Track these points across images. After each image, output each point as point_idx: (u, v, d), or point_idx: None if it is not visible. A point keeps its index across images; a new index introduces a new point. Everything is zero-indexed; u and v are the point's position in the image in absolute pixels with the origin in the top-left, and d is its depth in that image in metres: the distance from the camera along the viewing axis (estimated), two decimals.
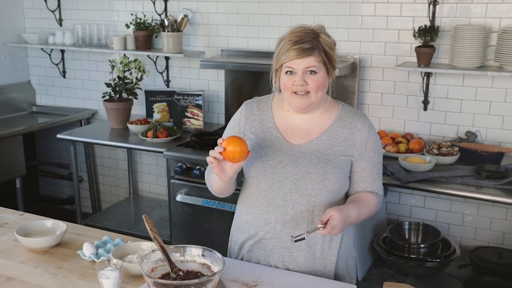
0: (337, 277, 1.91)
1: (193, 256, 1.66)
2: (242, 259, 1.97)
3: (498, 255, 3.07)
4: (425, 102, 3.23)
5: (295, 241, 1.69)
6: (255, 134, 1.91)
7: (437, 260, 2.93)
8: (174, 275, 1.57)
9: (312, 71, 1.76)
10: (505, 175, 2.72)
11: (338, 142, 1.85)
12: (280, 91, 1.85)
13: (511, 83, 3.04)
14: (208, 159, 1.73)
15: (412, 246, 3.06)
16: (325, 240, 1.87)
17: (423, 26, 3.06)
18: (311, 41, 1.75)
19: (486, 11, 3.02)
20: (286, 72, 1.79)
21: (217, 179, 1.85)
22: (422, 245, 3.06)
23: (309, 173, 1.82)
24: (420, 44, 3.09)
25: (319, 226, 1.69)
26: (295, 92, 1.79)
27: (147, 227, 1.62)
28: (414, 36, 3.08)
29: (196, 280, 1.50)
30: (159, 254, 1.61)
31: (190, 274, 1.60)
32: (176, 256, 1.65)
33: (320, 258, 1.88)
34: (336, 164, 1.83)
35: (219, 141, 1.72)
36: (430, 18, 3.11)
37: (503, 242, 3.20)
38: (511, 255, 3.07)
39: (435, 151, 2.97)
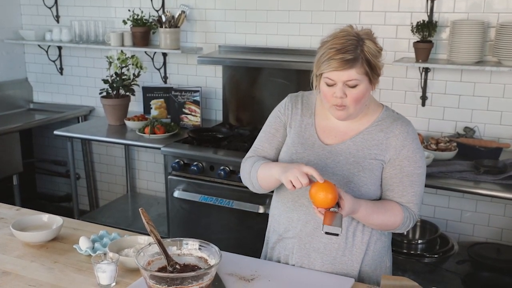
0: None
1: (190, 249, 1.65)
2: (266, 257, 1.97)
3: (496, 251, 3.07)
4: (423, 98, 3.23)
5: (326, 232, 1.59)
6: (293, 128, 1.88)
7: (435, 256, 2.93)
8: (170, 269, 1.56)
9: (353, 85, 1.67)
10: (503, 170, 2.71)
11: (371, 145, 1.78)
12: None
13: (509, 78, 3.03)
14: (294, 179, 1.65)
15: (410, 242, 3.05)
16: (347, 245, 1.80)
17: (421, 22, 3.05)
18: (354, 50, 1.64)
19: (484, 6, 3.01)
20: (326, 82, 1.71)
21: (273, 180, 1.78)
22: (420, 241, 3.06)
23: (335, 174, 1.76)
24: (418, 40, 3.08)
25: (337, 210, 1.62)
26: (334, 104, 1.72)
27: (144, 220, 1.61)
28: (412, 31, 3.08)
29: (192, 273, 1.49)
30: (155, 248, 1.60)
31: (187, 268, 1.59)
32: (173, 250, 1.63)
33: (340, 264, 1.81)
34: (364, 167, 1.76)
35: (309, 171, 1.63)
36: (428, 13, 3.10)
37: (501, 238, 3.20)
38: (509, 251, 3.07)
39: (433, 146, 2.96)
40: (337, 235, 1.58)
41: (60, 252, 1.90)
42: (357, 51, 1.65)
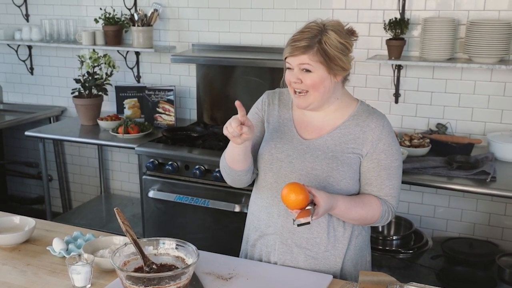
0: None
1: (166, 249, 1.64)
2: (246, 255, 1.96)
3: (469, 245, 3.11)
4: (396, 95, 3.26)
5: (298, 225, 1.59)
6: (271, 123, 1.90)
7: (410, 251, 2.96)
8: (147, 269, 1.55)
9: (306, 69, 1.72)
10: (475, 165, 2.75)
11: (348, 140, 1.80)
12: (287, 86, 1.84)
13: (479, 75, 3.08)
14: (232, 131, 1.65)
15: (385, 238, 3.08)
16: (329, 240, 1.81)
17: (393, 19, 3.08)
18: (310, 39, 1.70)
19: (454, 4, 3.05)
20: (287, 67, 1.78)
21: (232, 149, 1.78)
22: (395, 237, 3.09)
23: (314, 169, 1.78)
24: (391, 37, 3.11)
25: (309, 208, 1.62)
26: (295, 92, 1.77)
27: (119, 220, 1.59)
28: (385, 29, 3.10)
29: (170, 273, 1.47)
30: (131, 248, 1.58)
31: (164, 268, 1.58)
32: (149, 250, 1.62)
33: (324, 259, 1.82)
34: (342, 161, 1.78)
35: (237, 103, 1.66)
36: (400, 11, 3.13)
37: (473, 233, 3.24)
38: (482, 245, 3.12)
39: (407, 143, 2.99)
40: (308, 223, 1.59)
41: (32, 254, 1.87)
42: (314, 40, 1.70)
